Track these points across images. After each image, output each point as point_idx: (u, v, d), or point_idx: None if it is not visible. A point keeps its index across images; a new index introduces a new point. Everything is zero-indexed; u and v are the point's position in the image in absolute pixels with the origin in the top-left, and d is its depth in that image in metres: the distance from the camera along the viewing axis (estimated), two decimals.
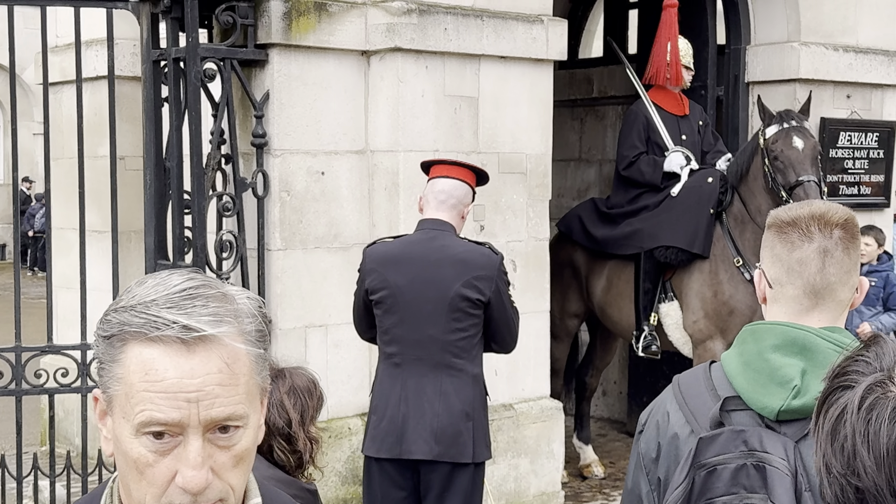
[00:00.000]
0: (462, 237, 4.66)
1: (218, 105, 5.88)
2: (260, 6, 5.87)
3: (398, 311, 4.57)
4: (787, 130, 6.50)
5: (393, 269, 4.58)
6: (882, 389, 1.27)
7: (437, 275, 4.50)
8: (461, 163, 4.77)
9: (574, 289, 7.70)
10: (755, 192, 6.70)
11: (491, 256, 4.56)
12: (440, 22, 6.16)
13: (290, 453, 2.87)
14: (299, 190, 6.01)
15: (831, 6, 8.01)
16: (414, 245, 4.63)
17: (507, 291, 4.59)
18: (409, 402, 4.55)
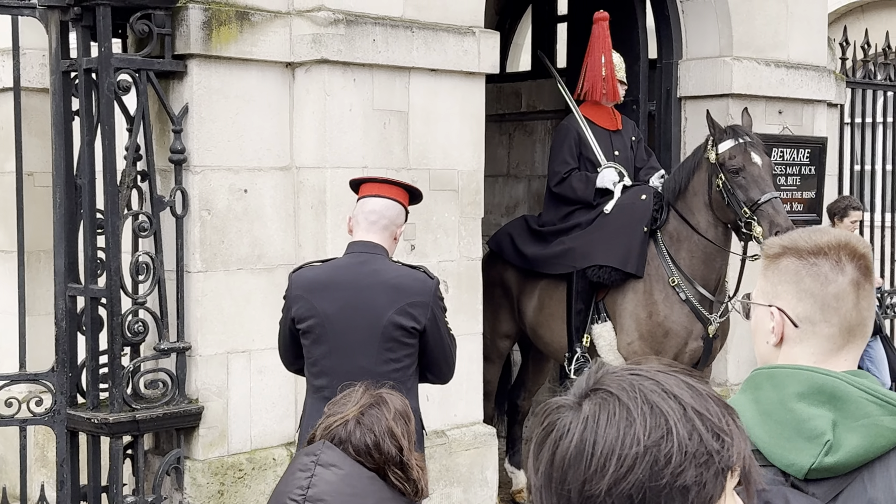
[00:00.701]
0: (395, 260, 4.39)
1: (133, 119, 5.57)
2: (178, 15, 5.56)
3: (327, 341, 4.26)
4: (745, 146, 6.34)
5: (320, 296, 4.27)
6: (559, 413, 1.33)
7: (369, 302, 4.20)
8: (392, 181, 4.49)
9: (505, 309, 7.48)
10: (694, 208, 6.54)
11: (426, 281, 4.29)
12: (368, 33, 5.90)
13: (406, 481, 2.75)
14: (220, 208, 5.71)
15: (762, 21, 7.91)
16: (343, 270, 4.33)
17: (443, 318, 4.34)
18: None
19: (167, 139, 5.64)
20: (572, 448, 1.31)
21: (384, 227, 4.30)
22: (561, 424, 1.34)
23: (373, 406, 2.73)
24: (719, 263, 6.59)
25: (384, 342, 4.19)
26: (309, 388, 4.41)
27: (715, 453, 1.31)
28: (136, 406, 5.51)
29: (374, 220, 4.30)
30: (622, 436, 1.30)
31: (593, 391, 1.35)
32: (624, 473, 1.28)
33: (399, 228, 4.37)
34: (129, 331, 5.51)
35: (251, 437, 5.88)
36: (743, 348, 7.90)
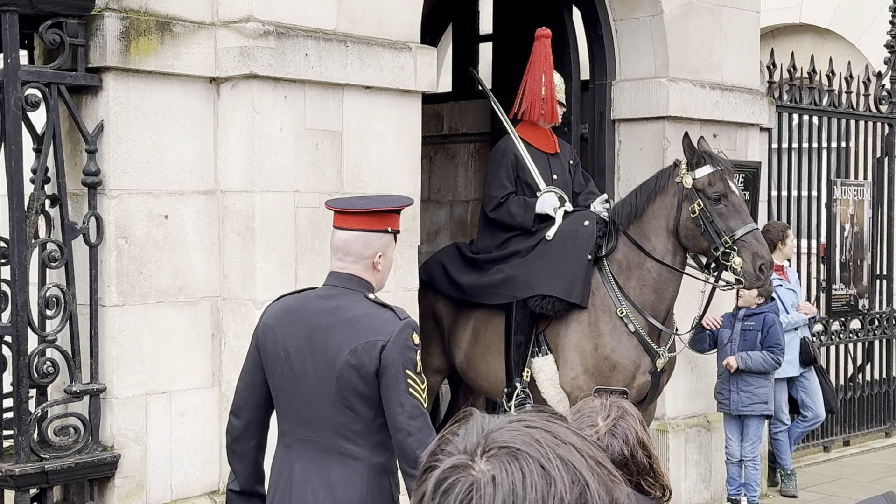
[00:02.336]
0: (371, 296, 3.85)
1: (42, 138, 5.05)
2: (93, 24, 5.07)
3: (288, 381, 3.74)
4: (722, 173, 6.10)
5: (286, 330, 3.75)
6: (460, 472, 1.23)
7: (326, 341, 3.66)
8: (358, 210, 3.93)
9: (436, 342, 7.06)
10: (651, 233, 6.24)
11: (391, 321, 3.64)
12: (300, 46, 5.48)
13: (657, 486, 2.77)
14: (139, 236, 5.21)
15: (697, 41, 7.69)
16: (310, 302, 3.81)
17: (408, 374, 3.60)
18: (293, 492, 3.70)
19: (80, 160, 5.13)
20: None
21: (353, 262, 3.77)
22: (462, 487, 1.22)
23: (622, 417, 2.71)
24: (671, 293, 6.31)
25: (339, 389, 3.63)
26: (277, 430, 3.88)
27: (611, 494, 1.27)
28: (45, 455, 4.98)
29: (341, 258, 3.79)
30: (544, 495, 1.21)
31: (491, 449, 1.24)
32: None
33: (375, 257, 3.78)
34: (37, 371, 4.99)
35: (172, 486, 5.37)
36: (681, 381, 7.63)
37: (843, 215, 9.67)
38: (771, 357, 7.45)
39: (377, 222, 3.76)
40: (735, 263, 5.99)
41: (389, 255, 3.81)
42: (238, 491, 3.87)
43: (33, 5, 4.90)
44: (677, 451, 7.56)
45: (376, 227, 3.76)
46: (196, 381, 5.40)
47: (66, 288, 5.07)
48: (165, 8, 5.29)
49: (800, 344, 8.23)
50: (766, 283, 6.25)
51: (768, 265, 6.07)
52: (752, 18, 8.14)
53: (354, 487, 3.63)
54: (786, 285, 8.23)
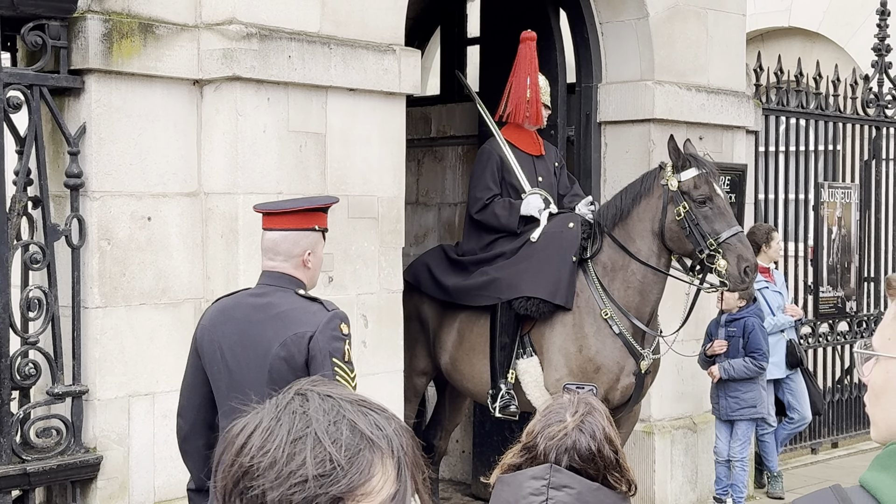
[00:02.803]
0: (302, 293, 3.93)
1: (24, 140, 5.05)
2: (75, 26, 5.07)
3: (224, 377, 3.89)
4: (707, 175, 6.12)
5: (220, 329, 3.92)
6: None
7: (258, 336, 3.81)
8: (283, 210, 4.03)
9: (422, 344, 7.07)
10: (636, 235, 6.26)
11: (318, 313, 3.79)
12: (284, 49, 5.48)
13: (623, 481, 2.80)
14: (122, 238, 5.21)
15: (683, 44, 7.70)
16: (242, 301, 3.97)
17: (335, 363, 3.74)
18: None
19: (62, 162, 5.13)
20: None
21: (283, 261, 3.93)
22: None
23: (589, 413, 2.77)
24: (655, 295, 6.32)
25: (272, 382, 3.75)
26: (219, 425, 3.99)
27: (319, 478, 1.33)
28: (27, 457, 4.97)
29: (271, 258, 3.96)
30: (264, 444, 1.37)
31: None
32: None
33: (304, 255, 3.92)
34: (19, 373, 4.98)
35: (155, 487, 5.37)
36: (667, 383, 7.64)
37: (830, 218, 9.69)
38: (753, 363, 7.45)
39: (303, 221, 3.92)
40: (720, 266, 6.01)
41: (319, 253, 3.99)
42: (194, 489, 4.07)
43: (15, 7, 4.90)
44: (663, 452, 7.57)
45: (303, 226, 3.92)
46: (179, 383, 5.34)
47: (49, 290, 5.07)
48: (148, 10, 5.30)
49: (786, 346, 8.25)
50: (750, 285, 6.28)
51: (753, 268, 6.09)
52: (737, 21, 8.15)
53: None
54: (772, 287, 8.25)
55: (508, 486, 2.85)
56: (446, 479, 8.92)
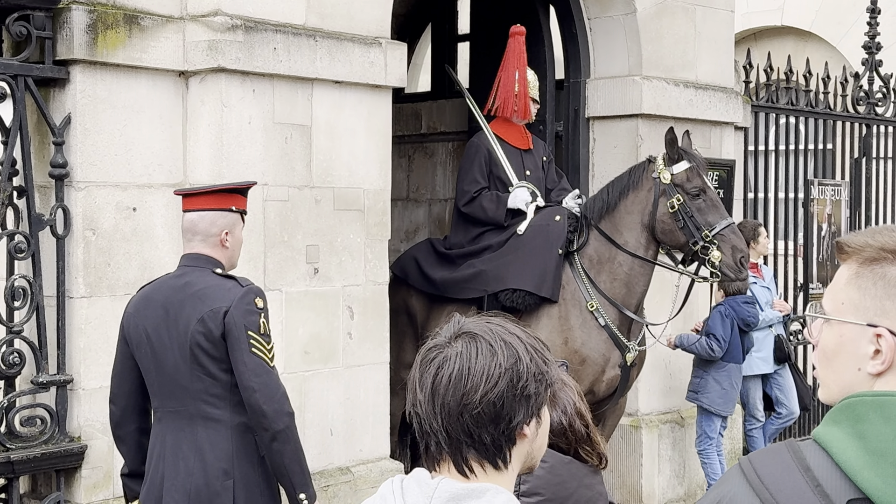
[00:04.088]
0: (217, 271, 4.02)
1: (9, 130, 5.07)
2: (60, 17, 5.09)
3: (151, 360, 4.04)
4: (698, 169, 6.19)
5: (143, 314, 4.07)
6: (438, 350, 1.90)
7: (178, 316, 3.95)
8: (200, 191, 4.19)
9: (409, 337, 7.09)
10: (624, 227, 6.29)
11: (233, 289, 3.93)
12: (269, 41, 5.50)
13: (594, 455, 2.91)
14: (107, 228, 5.23)
15: (671, 40, 7.73)
16: (163, 284, 4.12)
17: (250, 335, 3.87)
18: (165, 461, 3.98)
19: (47, 152, 5.15)
20: (454, 373, 1.85)
21: (201, 241, 4.09)
22: (441, 357, 1.88)
23: (561, 389, 2.84)
24: (641, 287, 6.35)
25: (193, 357, 3.92)
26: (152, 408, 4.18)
27: (545, 373, 1.89)
28: (11, 446, 4.99)
29: (189, 239, 4.12)
30: (489, 362, 1.85)
31: (461, 335, 1.89)
32: (492, 387, 1.83)
33: (220, 235, 4.08)
34: (4, 362, 5.00)
35: None
36: (654, 377, 7.67)
37: (820, 215, 9.71)
38: (707, 344, 7.36)
39: (221, 201, 4.08)
40: (714, 257, 6.07)
41: (237, 234, 4.16)
42: (126, 473, 4.22)
43: None
44: (651, 446, 7.59)
45: (220, 206, 4.08)
46: None
47: (33, 279, 5.08)
48: (133, 1, 5.31)
49: (774, 341, 8.26)
50: (745, 275, 6.35)
51: (746, 258, 6.20)
52: (726, 18, 8.18)
53: (221, 448, 3.91)
54: (760, 283, 8.27)
55: None
56: None
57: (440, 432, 1.86)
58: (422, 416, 1.88)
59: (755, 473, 1.64)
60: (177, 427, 3.98)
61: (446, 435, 1.85)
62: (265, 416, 3.82)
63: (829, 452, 1.62)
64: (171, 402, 4.00)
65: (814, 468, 1.60)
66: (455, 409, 1.83)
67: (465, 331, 1.89)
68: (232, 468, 3.90)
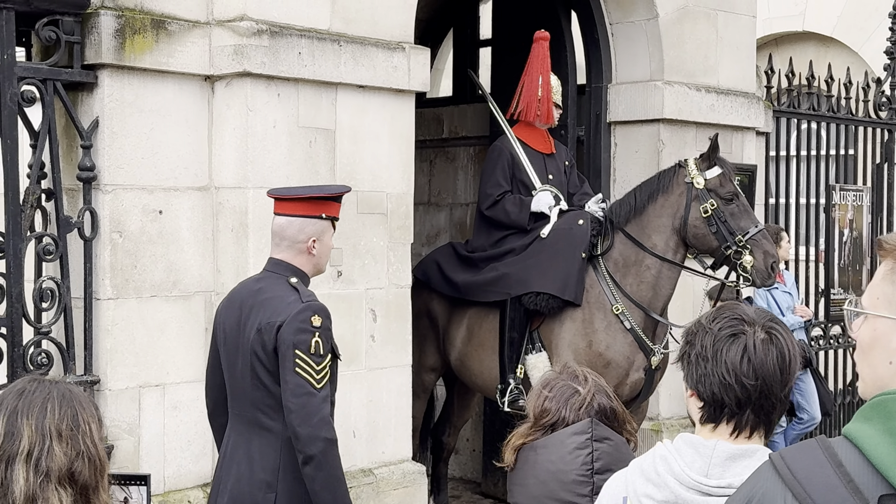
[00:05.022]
0: (292, 281, 4.01)
1: (38, 133, 5.13)
2: (88, 22, 5.16)
3: (225, 360, 4.08)
4: (729, 174, 6.25)
5: (225, 313, 4.11)
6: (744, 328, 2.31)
7: (247, 321, 3.96)
8: (292, 197, 4.14)
9: (431, 340, 7.13)
10: (652, 231, 6.32)
11: (293, 304, 3.87)
12: (294, 45, 5.55)
13: (632, 433, 3.20)
14: (133, 231, 5.28)
15: (693, 45, 7.75)
16: (244, 286, 4.17)
17: (297, 354, 3.78)
18: (224, 463, 4.03)
19: (75, 155, 5.21)
20: (775, 356, 2.25)
21: (288, 247, 4.08)
22: (756, 337, 2.27)
23: (595, 379, 3.13)
24: (667, 290, 6.38)
25: (252, 364, 3.92)
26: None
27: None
28: None
29: (277, 243, 4.12)
30: (793, 349, 2.28)
31: (767, 327, 2.29)
32: (796, 367, 2.24)
33: (307, 242, 4.05)
34: (32, 362, 5.05)
35: (165, 478, 5.44)
36: (675, 381, 7.66)
37: (841, 220, 9.70)
38: None
39: (312, 208, 4.04)
40: (746, 262, 6.11)
41: (326, 241, 4.10)
42: None
43: (30, 3, 4.98)
44: None
45: (311, 213, 4.04)
46: (189, 375, 5.47)
47: (61, 281, 5.14)
48: (160, 6, 5.37)
49: None
50: (773, 281, 6.40)
51: (777, 263, 6.27)
52: (748, 23, 8.19)
53: (269, 458, 3.89)
54: (782, 288, 8.27)
55: (546, 448, 3.07)
56: (456, 477, 8.97)
57: (735, 399, 2.21)
58: (714, 382, 2.24)
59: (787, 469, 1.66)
60: (238, 431, 3.99)
61: (740, 401, 2.21)
62: (298, 439, 3.76)
63: (860, 449, 1.63)
64: (236, 405, 4.01)
65: (846, 464, 1.61)
66: (772, 380, 2.21)
67: (770, 326, 2.29)
68: (276, 481, 3.86)
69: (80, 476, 2.18)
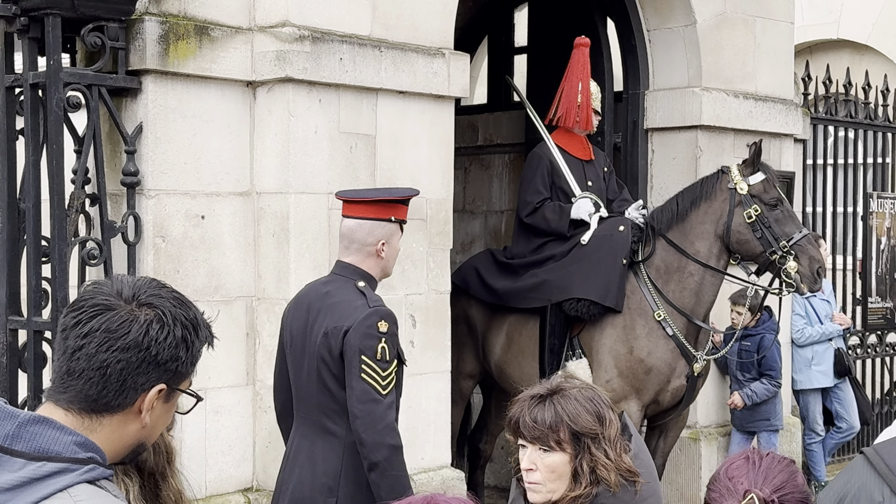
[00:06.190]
0: (360, 284, 4.01)
1: (83, 139, 5.16)
2: (133, 28, 5.18)
3: (292, 362, 4.08)
4: (772, 180, 6.23)
5: (293, 315, 4.12)
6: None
7: (314, 324, 3.95)
8: (361, 199, 4.16)
9: (469, 347, 7.12)
10: (696, 237, 6.30)
11: (360, 308, 3.87)
12: (335, 51, 5.57)
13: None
14: (176, 235, 5.30)
15: (731, 51, 7.72)
16: (312, 289, 4.17)
17: (363, 360, 3.78)
18: (287, 465, 4.04)
19: (119, 161, 5.24)
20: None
21: (357, 250, 4.07)
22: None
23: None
24: (710, 297, 6.35)
25: (319, 368, 3.91)
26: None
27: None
28: None
29: (346, 245, 4.11)
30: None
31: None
32: None
33: (378, 244, 4.06)
34: None
35: (206, 482, 5.45)
36: (713, 389, 7.63)
37: (879, 228, 9.63)
38: (772, 384, 7.41)
39: (381, 211, 4.02)
40: (790, 268, 6.08)
41: (394, 244, 4.09)
42: None
43: (75, 9, 5.01)
44: (709, 459, 7.55)
45: (380, 216, 4.04)
46: (231, 380, 5.48)
47: None
48: (203, 13, 5.40)
49: (834, 355, 8.20)
50: (820, 286, 6.37)
51: (824, 269, 6.23)
52: (786, 29, 8.16)
53: (331, 462, 3.89)
54: (820, 296, 8.21)
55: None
56: (491, 485, 8.93)
57: None
58: None
59: (884, 463, 1.64)
60: (302, 433, 3.99)
61: None
62: (363, 445, 3.76)
63: None
64: (302, 408, 4.01)
65: None
66: None
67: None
68: (337, 486, 3.86)
69: (145, 465, 2.19)
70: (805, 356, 8.18)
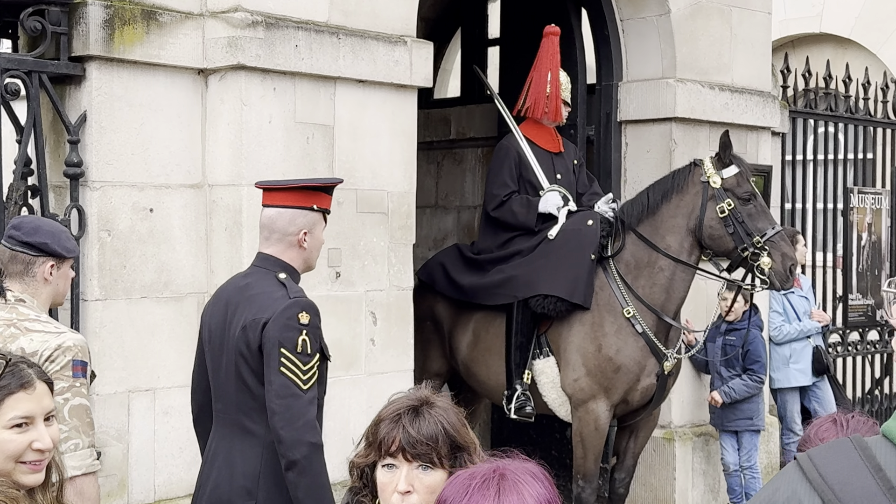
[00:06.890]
0: (280, 276, 3.78)
1: (23, 128, 4.94)
2: (76, 12, 4.97)
3: (210, 359, 3.86)
4: (746, 174, 6.06)
5: (211, 311, 3.91)
6: None
7: (233, 319, 3.72)
8: (281, 186, 3.91)
9: (435, 345, 6.91)
10: (665, 231, 6.12)
11: (280, 300, 3.63)
12: (290, 38, 5.36)
13: None
14: (123, 229, 5.09)
15: (706, 42, 7.52)
16: (231, 283, 3.95)
17: (283, 353, 3.55)
18: (205, 468, 3.82)
19: (62, 151, 5.03)
20: None
21: (278, 240, 3.82)
22: None
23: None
24: (681, 293, 6.16)
25: (236, 366, 3.68)
26: None
27: None
28: None
29: (266, 236, 3.86)
30: None
31: None
32: None
33: (297, 235, 3.80)
34: None
35: (155, 486, 5.24)
36: (688, 389, 7.44)
37: (860, 224, 9.45)
38: (752, 380, 7.19)
39: (303, 199, 3.81)
40: (763, 264, 5.91)
41: (318, 234, 3.88)
42: None
43: None
44: (684, 459, 7.36)
45: (302, 205, 3.80)
46: (181, 379, 5.25)
47: None
48: None
49: (812, 353, 8.03)
50: (791, 284, 6.20)
51: (796, 266, 6.07)
52: (763, 20, 7.97)
53: (250, 463, 3.67)
54: (798, 292, 8.03)
55: None
56: None
57: None
58: None
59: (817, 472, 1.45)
60: (220, 434, 3.78)
61: None
62: (281, 442, 3.54)
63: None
64: (220, 406, 3.80)
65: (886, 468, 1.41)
66: None
67: None
68: (256, 488, 3.64)
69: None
70: (783, 354, 8.00)
